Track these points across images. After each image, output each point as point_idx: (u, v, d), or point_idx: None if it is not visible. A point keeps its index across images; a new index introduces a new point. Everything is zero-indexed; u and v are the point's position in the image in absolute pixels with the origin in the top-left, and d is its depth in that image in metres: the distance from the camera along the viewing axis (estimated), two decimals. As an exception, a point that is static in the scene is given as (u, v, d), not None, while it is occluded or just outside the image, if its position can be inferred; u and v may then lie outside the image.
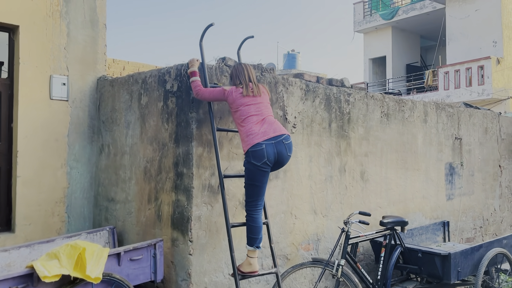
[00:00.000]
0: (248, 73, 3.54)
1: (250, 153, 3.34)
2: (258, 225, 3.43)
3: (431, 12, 17.50)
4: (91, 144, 4.68)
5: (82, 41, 4.66)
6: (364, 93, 4.91)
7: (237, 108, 3.43)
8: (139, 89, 4.15)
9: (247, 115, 3.41)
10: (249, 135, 3.37)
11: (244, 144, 3.40)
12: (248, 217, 3.46)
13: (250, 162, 3.35)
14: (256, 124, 3.41)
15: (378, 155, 5.04)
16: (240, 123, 3.44)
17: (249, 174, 3.39)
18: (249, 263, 3.42)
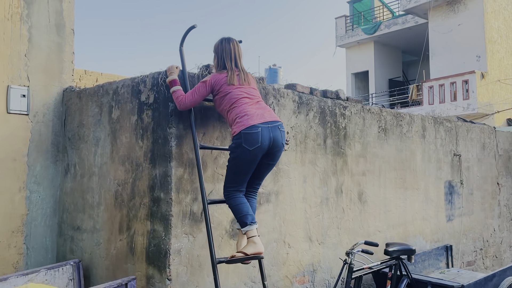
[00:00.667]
0: (235, 55, 3.08)
1: (243, 135, 2.87)
2: (241, 202, 2.96)
3: (413, 27, 17.48)
4: (55, 164, 4.10)
5: (46, 48, 4.13)
6: (361, 106, 4.50)
7: (226, 92, 2.97)
8: (110, 101, 3.63)
9: (239, 97, 2.97)
10: (244, 116, 2.91)
11: (236, 125, 2.91)
12: (229, 200, 2.99)
13: (241, 146, 2.87)
14: (250, 105, 2.98)
15: (376, 174, 4.61)
16: (229, 106, 2.98)
17: (237, 159, 2.92)
18: (253, 243, 2.89)
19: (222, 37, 3.14)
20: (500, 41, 14.95)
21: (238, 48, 3.11)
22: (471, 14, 14.61)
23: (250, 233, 2.93)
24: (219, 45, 3.12)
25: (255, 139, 2.88)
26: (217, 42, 3.14)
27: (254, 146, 2.87)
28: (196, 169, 3.17)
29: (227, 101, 2.98)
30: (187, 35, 3.18)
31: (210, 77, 3.02)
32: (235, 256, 2.85)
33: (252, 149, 2.87)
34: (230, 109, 2.98)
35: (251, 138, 2.87)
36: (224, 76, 3.01)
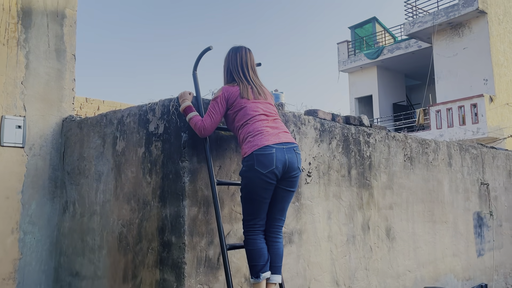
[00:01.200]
0: (243, 66, 2.74)
1: (255, 156, 2.52)
2: (256, 248, 2.58)
3: (416, 51, 17.36)
4: (53, 201, 3.72)
5: (45, 75, 3.80)
6: (385, 133, 4.15)
7: (241, 106, 2.64)
8: (114, 132, 3.27)
9: (255, 114, 2.63)
10: (257, 134, 2.57)
11: (248, 145, 2.57)
12: (245, 240, 2.63)
13: (253, 169, 2.52)
14: (266, 123, 2.63)
15: (404, 207, 4.22)
16: (242, 123, 2.63)
17: (249, 185, 2.56)
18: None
19: (231, 47, 2.84)
20: (506, 64, 14.77)
21: (247, 58, 2.77)
22: (476, 37, 14.48)
23: (256, 286, 2.57)
24: (226, 56, 2.82)
25: (270, 161, 2.53)
26: (226, 54, 2.84)
27: (268, 169, 2.52)
28: (211, 208, 2.79)
29: (240, 116, 2.64)
30: (201, 58, 2.86)
31: (221, 91, 2.69)
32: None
33: (265, 172, 2.52)
34: (242, 126, 2.64)
35: (264, 160, 2.52)
36: (237, 89, 2.69)
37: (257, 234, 2.63)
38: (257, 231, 2.63)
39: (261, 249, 2.60)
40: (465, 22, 14.76)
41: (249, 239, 2.61)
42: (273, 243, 2.66)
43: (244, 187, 2.61)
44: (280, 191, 2.65)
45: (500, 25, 14.82)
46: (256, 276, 2.55)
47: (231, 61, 2.77)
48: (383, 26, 20.78)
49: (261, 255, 2.58)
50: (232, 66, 2.76)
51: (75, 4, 4.07)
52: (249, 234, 2.62)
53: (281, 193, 2.65)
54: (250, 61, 2.78)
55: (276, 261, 2.66)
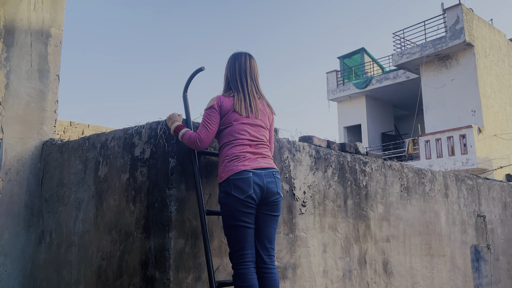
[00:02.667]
0: (241, 74, 2.56)
1: (231, 181, 2.36)
2: (248, 284, 2.34)
3: (404, 81, 17.56)
4: (28, 230, 3.45)
5: (26, 95, 3.61)
6: (381, 162, 4.00)
7: (229, 123, 2.47)
8: (97, 156, 3.06)
9: (239, 136, 2.45)
10: (234, 159, 2.40)
11: (224, 170, 2.41)
12: (234, 275, 2.39)
13: (230, 194, 2.35)
14: (248, 148, 2.46)
15: (401, 240, 4.03)
16: (226, 143, 2.46)
17: (228, 211, 2.38)
18: None
19: (233, 53, 2.66)
20: (493, 96, 14.97)
21: (246, 66, 2.58)
22: (463, 69, 14.70)
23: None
24: (226, 64, 2.65)
25: (246, 185, 2.36)
26: (227, 62, 2.67)
27: (245, 194, 2.36)
28: (199, 241, 2.58)
29: (225, 133, 2.49)
30: (192, 79, 2.70)
31: (215, 100, 2.51)
32: None
33: (243, 198, 2.35)
34: (224, 146, 2.48)
35: (241, 184, 2.36)
36: (231, 101, 2.51)
37: (248, 267, 2.41)
38: (247, 263, 2.41)
39: (254, 286, 2.38)
40: (452, 54, 15.01)
41: (240, 273, 2.38)
42: (267, 274, 2.43)
43: (224, 215, 2.43)
44: (262, 216, 2.46)
45: (487, 57, 15.09)
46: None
47: (229, 69, 2.60)
48: (371, 57, 21.08)
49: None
50: (230, 75, 2.59)
51: (61, 24, 3.92)
52: (239, 267, 2.39)
53: (264, 218, 2.47)
54: (250, 69, 2.59)
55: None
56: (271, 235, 2.51)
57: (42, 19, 3.79)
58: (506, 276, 5.50)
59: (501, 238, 5.54)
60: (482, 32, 15.10)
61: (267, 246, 2.49)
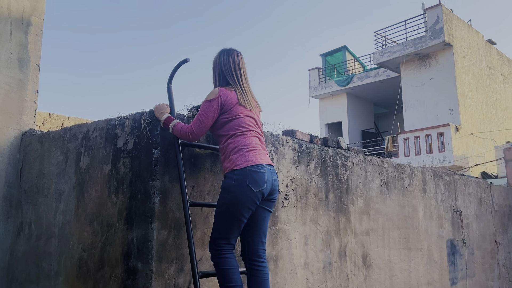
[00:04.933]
0: (237, 70, 2.57)
1: (249, 172, 2.34)
2: (233, 267, 2.36)
3: (385, 80, 17.80)
4: (6, 222, 3.39)
5: (5, 85, 3.53)
6: (362, 157, 4.07)
7: (236, 115, 2.46)
8: (78, 147, 3.03)
9: (249, 128, 2.47)
10: (252, 150, 2.41)
11: (240, 157, 2.38)
12: (217, 260, 2.37)
13: (244, 185, 2.33)
14: (258, 140, 2.51)
15: (380, 233, 4.11)
16: (237, 133, 2.45)
17: (235, 201, 2.34)
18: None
19: (222, 49, 2.66)
20: (471, 95, 15.32)
21: (239, 62, 2.60)
22: (442, 68, 14.99)
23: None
24: (217, 59, 2.63)
25: (261, 180, 2.38)
26: (215, 55, 2.66)
27: (259, 188, 2.37)
28: (182, 232, 2.58)
29: (233, 125, 2.46)
30: (177, 70, 2.69)
31: (218, 94, 2.46)
32: None
33: (256, 191, 2.35)
34: (234, 136, 2.45)
35: (258, 178, 2.37)
36: (234, 95, 2.50)
37: (232, 253, 2.43)
38: (232, 250, 2.44)
39: (237, 269, 2.40)
40: (432, 54, 15.28)
41: (223, 257, 2.38)
42: (262, 267, 2.46)
43: (226, 202, 2.37)
44: (262, 211, 2.49)
45: (465, 58, 15.42)
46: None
47: (223, 64, 2.58)
48: (353, 55, 21.29)
49: (238, 275, 2.38)
50: (226, 69, 2.57)
51: (42, 12, 3.85)
52: (222, 253, 2.39)
53: (262, 214, 2.50)
54: (242, 66, 2.61)
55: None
56: (266, 230, 2.55)
57: (23, 7, 3.71)
58: (480, 270, 5.66)
59: (476, 233, 5.70)
60: (461, 33, 15.41)
61: (263, 240, 2.52)
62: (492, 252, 5.98)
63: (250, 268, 2.46)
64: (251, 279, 2.44)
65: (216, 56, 2.65)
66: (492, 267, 5.92)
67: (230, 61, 2.58)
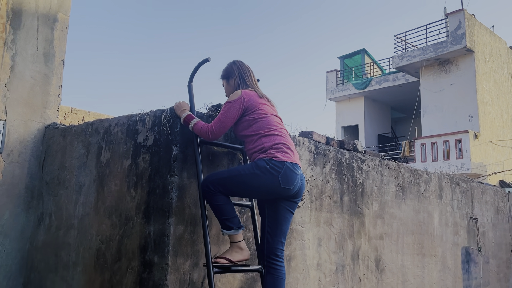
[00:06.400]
0: (253, 78, 2.68)
1: (286, 167, 2.38)
2: (229, 202, 2.45)
3: (403, 84, 17.62)
4: (27, 212, 3.49)
5: (30, 79, 3.64)
6: (378, 161, 4.06)
7: (264, 115, 2.50)
8: (100, 142, 3.11)
9: (279, 127, 2.53)
10: (289, 149, 2.46)
11: (279, 152, 2.42)
12: (209, 197, 2.44)
13: (274, 175, 2.36)
14: (291, 141, 2.56)
15: (394, 238, 4.10)
16: (269, 133, 2.48)
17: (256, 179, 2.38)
18: (239, 248, 2.45)
19: (233, 60, 2.75)
20: (491, 102, 15.07)
21: (251, 72, 2.73)
22: (462, 74, 14.79)
23: (236, 237, 2.47)
24: (232, 65, 2.71)
25: (293, 181, 2.43)
26: (228, 65, 2.74)
27: (287, 186, 2.41)
28: (198, 228, 2.63)
29: (261, 125, 2.50)
30: (198, 69, 2.74)
31: (241, 95, 2.51)
32: (219, 262, 2.39)
33: (282, 187, 2.39)
34: (267, 135, 2.48)
35: (291, 177, 2.41)
36: (255, 94, 2.57)
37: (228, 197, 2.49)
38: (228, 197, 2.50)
39: (231, 203, 2.48)
40: (452, 59, 15.08)
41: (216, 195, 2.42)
42: (278, 266, 2.50)
43: (250, 173, 2.38)
44: (286, 212, 2.53)
45: (486, 64, 15.18)
46: (238, 226, 2.44)
47: (241, 68, 2.68)
48: (372, 58, 21.14)
49: (233, 208, 2.47)
50: (244, 73, 2.67)
51: (68, 9, 3.95)
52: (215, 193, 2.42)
53: (286, 214, 2.54)
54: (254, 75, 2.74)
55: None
56: (287, 231, 2.60)
57: (50, 3, 3.81)
58: (495, 279, 5.59)
59: (492, 242, 5.63)
60: (483, 39, 15.18)
61: (282, 240, 2.56)
62: (507, 261, 5.90)
63: (268, 266, 2.50)
64: (268, 276, 2.48)
65: (230, 64, 2.74)
66: (507, 276, 5.84)
67: (245, 69, 2.69)
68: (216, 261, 2.42)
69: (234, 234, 2.46)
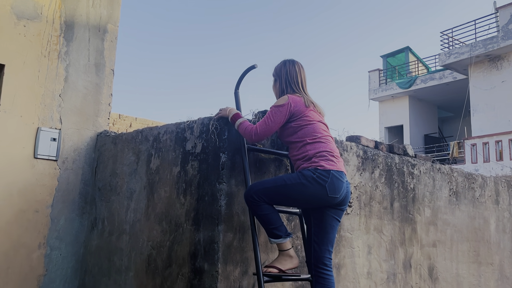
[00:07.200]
0: (301, 80, 2.61)
1: (332, 175, 2.34)
2: (275, 211, 2.42)
3: (451, 82, 16.99)
4: (81, 217, 3.62)
5: (83, 88, 3.77)
6: (430, 165, 3.91)
7: (309, 122, 2.46)
8: (149, 149, 3.17)
9: (325, 134, 2.48)
10: (334, 157, 2.42)
11: (323, 160, 2.38)
12: (253, 207, 2.40)
13: (320, 184, 2.32)
14: (336, 148, 2.51)
15: (448, 245, 3.93)
16: (315, 140, 2.44)
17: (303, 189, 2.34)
18: (289, 256, 2.43)
19: (285, 59, 2.68)
20: (547, 99, 14.24)
21: (303, 73, 2.65)
22: (515, 71, 14.05)
23: (285, 245, 2.44)
24: (282, 67, 2.65)
25: (339, 189, 2.38)
26: (279, 64, 2.68)
27: (334, 195, 2.36)
28: (247, 235, 2.62)
29: (306, 132, 2.46)
30: (244, 76, 2.74)
31: (288, 100, 2.48)
32: (269, 271, 2.37)
33: (329, 196, 2.35)
34: (311, 143, 2.44)
35: (337, 185, 2.36)
36: (301, 100, 2.51)
37: (271, 206, 2.45)
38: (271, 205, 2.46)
39: (276, 212, 2.44)
40: (504, 55, 14.37)
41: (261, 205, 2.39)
42: (326, 275, 2.45)
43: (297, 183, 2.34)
44: (332, 220, 2.48)
45: (541, 59, 14.36)
46: (286, 234, 2.40)
47: (289, 73, 2.62)
48: (416, 56, 20.51)
49: (277, 216, 2.43)
50: (291, 78, 2.61)
51: (117, 20, 4.07)
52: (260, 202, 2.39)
53: (332, 222, 2.48)
54: (305, 76, 2.66)
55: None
56: (334, 239, 2.54)
57: (100, 15, 3.94)
58: (558, 289, 5.24)
59: (554, 249, 5.28)
60: (537, 32, 14.36)
61: (329, 249, 2.51)
62: None
63: (316, 275, 2.45)
64: (317, 286, 2.43)
65: (280, 65, 2.67)
66: None
67: (296, 70, 2.62)
68: (267, 271, 2.40)
69: (283, 242, 2.44)
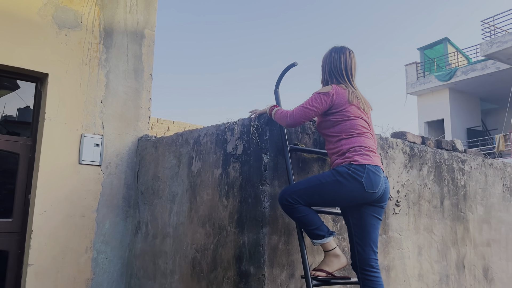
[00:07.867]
0: (346, 70, 2.46)
1: (368, 170, 2.25)
2: (313, 211, 2.34)
3: (494, 72, 16.23)
4: (125, 221, 3.66)
5: (123, 94, 3.82)
6: (482, 160, 3.71)
7: (349, 117, 2.36)
8: (190, 152, 3.16)
9: (361, 129, 2.37)
10: (370, 151, 2.33)
11: (358, 155, 2.29)
12: (290, 210, 2.32)
13: (357, 181, 2.23)
14: (374, 143, 2.42)
15: (503, 244, 3.71)
16: (352, 134, 2.36)
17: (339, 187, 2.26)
18: (335, 256, 2.35)
19: (333, 47, 2.56)
20: None
21: (351, 61, 2.49)
22: None
23: (329, 245, 2.34)
24: (327, 56, 2.53)
25: (377, 183, 2.27)
26: (326, 53, 2.56)
27: (372, 190, 2.26)
28: (292, 238, 2.55)
29: (344, 128, 2.36)
30: (284, 74, 2.67)
31: (332, 89, 2.38)
32: (317, 275, 2.29)
33: (367, 191, 2.25)
34: (350, 137, 2.35)
35: (374, 179, 2.26)
36: (345, 93, 2.40)
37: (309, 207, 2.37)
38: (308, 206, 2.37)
39: (314, 212, 2.35)
40: (551, 41, 13.61)
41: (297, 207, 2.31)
42: (373, 278, 2.34)
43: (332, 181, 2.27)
44: (372, 219, 2.36)
45: None
46: (328, 233, 2.32)
47: (333, 63, 2.49)
48: (456, 47, 19.75)
49: (316, 216, 2.34)
50: (335, 68, 2.48)
51: (153, 25, 4.10)
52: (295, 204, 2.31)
53: (373, 221, 2.37)
54: (354, 65, 2.51)
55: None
56: (377, 238, 2.44)
57: (137, 21, 3.98)
58: None
59: None
60: None
61: (374, 249, 2.40)
62: None
63: (363, 278, 2.35)
64: None
65: (326, 54, 2.56)
66: None
67: (342, 60, 2.48)
68: (315, 274, 2.32)
69: (326, 242, 2.35)
